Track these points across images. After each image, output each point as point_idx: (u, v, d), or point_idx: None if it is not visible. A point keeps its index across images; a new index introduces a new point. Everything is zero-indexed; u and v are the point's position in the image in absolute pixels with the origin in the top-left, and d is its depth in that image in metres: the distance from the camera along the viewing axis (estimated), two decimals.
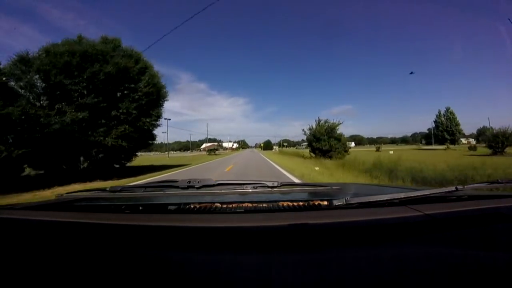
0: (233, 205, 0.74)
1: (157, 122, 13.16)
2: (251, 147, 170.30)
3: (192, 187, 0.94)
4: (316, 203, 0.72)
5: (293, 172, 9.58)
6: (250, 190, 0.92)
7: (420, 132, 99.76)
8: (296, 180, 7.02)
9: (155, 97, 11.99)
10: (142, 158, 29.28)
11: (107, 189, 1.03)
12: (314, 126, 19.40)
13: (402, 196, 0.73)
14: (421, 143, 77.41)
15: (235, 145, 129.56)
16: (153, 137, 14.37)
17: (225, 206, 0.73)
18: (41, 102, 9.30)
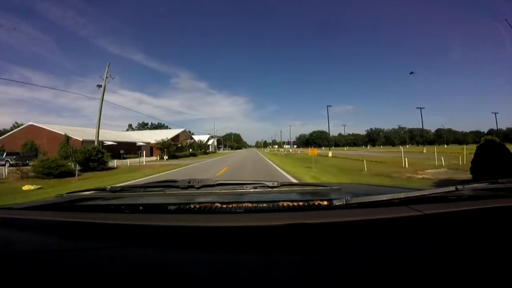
0: (233, 205, 0.74)
1: None
2: (251, 146, 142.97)
3: (192, 187, 0.94)
4: (316, 203, 0.71)
5: None
6: (250, 190, 0.92)
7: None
8: None
9: None
10: None
11: (107, 189, 1.03)
12: None
13: (402, 196, 0.72)
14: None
15: (205, 139, 54.76)
16: None
17: (225, 206, 0.73)
18: None
